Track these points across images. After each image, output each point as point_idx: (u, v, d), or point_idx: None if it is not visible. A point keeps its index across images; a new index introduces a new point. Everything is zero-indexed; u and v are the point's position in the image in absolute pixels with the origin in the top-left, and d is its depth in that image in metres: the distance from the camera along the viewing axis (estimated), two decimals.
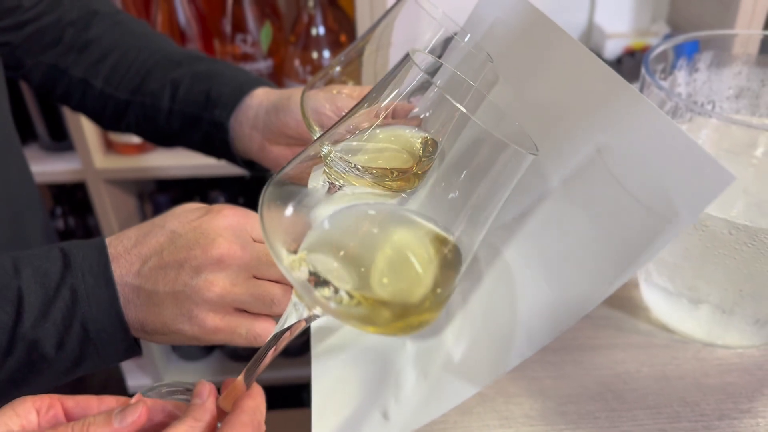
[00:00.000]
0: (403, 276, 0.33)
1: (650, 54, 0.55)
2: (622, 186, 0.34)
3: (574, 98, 0.39)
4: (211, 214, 0.43)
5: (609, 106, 0.36)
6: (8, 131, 0.60)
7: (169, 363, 1.46)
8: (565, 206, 0.37)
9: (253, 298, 0.42)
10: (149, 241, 0.42)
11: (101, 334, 0.41)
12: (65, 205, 1.30)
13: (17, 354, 0.40)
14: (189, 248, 0.41)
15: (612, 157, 0.35)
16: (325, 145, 0.36)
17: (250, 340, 0.43)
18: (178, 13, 1.03)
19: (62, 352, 0.41)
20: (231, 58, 1.05)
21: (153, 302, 0.42)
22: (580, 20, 1.14)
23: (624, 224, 0.34)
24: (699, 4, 1.03)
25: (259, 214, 0.33)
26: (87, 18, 0.65)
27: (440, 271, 0.33)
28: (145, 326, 0.43)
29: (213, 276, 0.41)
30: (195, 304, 0.41)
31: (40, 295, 0.40)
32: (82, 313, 0.41)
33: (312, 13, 0.99)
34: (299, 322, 0.35)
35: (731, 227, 0.48)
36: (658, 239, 0.32)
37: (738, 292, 0.51)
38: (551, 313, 0.36)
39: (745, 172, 0.51)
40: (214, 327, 0.42)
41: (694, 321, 0.56)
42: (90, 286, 0.41)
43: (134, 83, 0.63)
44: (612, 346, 0.57)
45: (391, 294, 0.32)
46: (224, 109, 0.59)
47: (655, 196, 0.33)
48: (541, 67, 0.42)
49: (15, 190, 0.60)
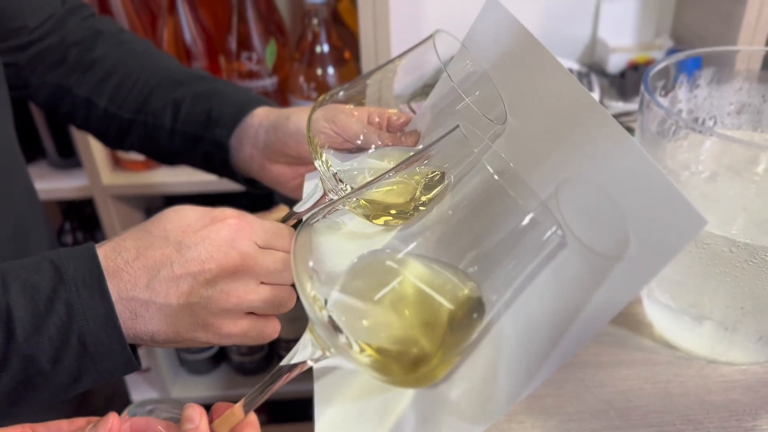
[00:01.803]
0: (419, 333, 0.34)
1: (650, 71, 0.55)
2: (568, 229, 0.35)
3: (556, 128, 0.39)
4: (217, 224, 0.44)
5: (589, 138, 0.36)
6: (12, 150, 0.61)
7: (176, 377, 1.46)
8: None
9: (265, 303, 0.44)
10: (153, 253, 0.43)
11: (99, 347, 0.42)
12: (74, 221, 1.31)
13: (12, 370, 0.40)
14: (201, 261, 0.42)
15: (570, 193, 0.35)
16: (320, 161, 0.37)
17: (260, 340, 0.46)
18: (184, 30, 1.04)
19: (58, 367, 0.41)
20: (236, 75, 1.05)
21: (165, 314, 0.43)
22: (584, 34, 1.15)
23: (571, 268, 0.34)
24: (702, 19, 1.04)
25: (292, 252, 0.35)
26: (91, 38, 0.67)
27: (457, 327, 0.34)
28: (155, 337, 0.43)
29: (227, 286, 0.43)
30: (211, 314, 0.43)
31: (30, 310, 0.40)
32: (79, 327, 0.41)
33: (316, 30, 1.00)
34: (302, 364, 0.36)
35: (732, 245, 0.48)
36: (608, 280, 0.32)
37: (740, 310, 0.51)
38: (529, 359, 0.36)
39: (745, 189, 0.51)
40: (228, 332, 0.44)
41: (696, 338, 0.56)
42: (85, 299, 0.41)
43: (137, 102, 0.64)
44: (615, 363, 0.56)
45: (404, 350, 0.33)
46: (225, 129, 0.60)
47: (602, 237, 0.33)
48: (529, 92, 0.42)
49: (19, 208, 0.61)
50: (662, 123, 0.50)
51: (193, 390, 1.44)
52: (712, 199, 0.53)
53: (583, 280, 0.34)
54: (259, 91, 1.06)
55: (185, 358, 1.45)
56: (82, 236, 1.32)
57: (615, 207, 0.33)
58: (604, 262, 0.32)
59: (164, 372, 1.39)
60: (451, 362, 0.35)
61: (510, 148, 0.43)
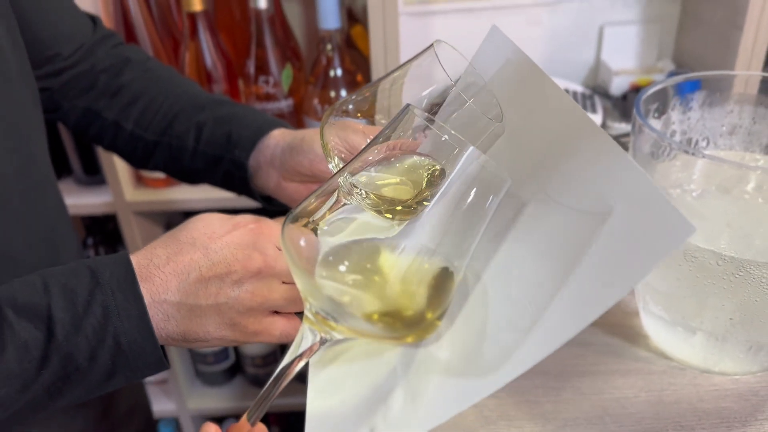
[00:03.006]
0: (403, 299, 0.37)
1: (642, 95, 0.57)
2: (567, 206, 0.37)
3: (553, 142, 0.42)
4: (241, 229, 0.48)
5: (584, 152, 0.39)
6: (46, 169, 0.65)
7: (193, 389, 1.49)
8: (534, 226, 0.41)
9: (287, 301, 0.48)
10: (182, 258, 0.46)
11: (133, 346, 0.45)
12: (97, 236, 1.35)
13: (53, 367, 0.43)
14: (228, 263, 0.46)
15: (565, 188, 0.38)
16: (342, 176, 0.40)
17: (283, 338, 0.49)
18: (205, 55, 1.08)
19: (94, 364, 0.44)
20: (254, 98, 1.09)
21: (195, 314, 0.46)
22: (588, 57, 1.17)
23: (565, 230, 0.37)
24: (702, 43, 1.06)
25: (282, 239, 0.38)
26: (119, 65, 0.70)
27: (435, 290, 0.37)
28: (186, 336, 0.47)
29: (253, 287, 0.46)
30: (238, 313, 0.46)
31: (70, 311, 0.43)
32: (114, 327, 0.44)
33: (330, 55, 1.04)
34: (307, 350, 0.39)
35: (718, 258, 0.50)
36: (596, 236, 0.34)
37: (729, 321, 0.53)
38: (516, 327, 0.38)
39: (730, 206, 0.54)
40: (254, 330, 0.47)
41: (689, 348, 0.57)
42: (120, 301, 0.44)
43: (162, 126, 0.67)
44: (612, 372, 0.58)
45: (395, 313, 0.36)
46: (243, 150, 0.63)
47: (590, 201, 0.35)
48: (528, 111, 0.45)
49: (51, 222, 0.64)
50: (655, 145, 0.53)
51: (209, 401, 1.47)
52: (700, 215, 0.55)
53: (572, 240, 0.36)
54: (276, 112, 1.10)
55: (201, 370, 1.48)
56: (104, 250, 1.36)
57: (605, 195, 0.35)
58: (592, 218, 0.35)
59: (181, 383, 1.42)
60: (440, 319, 0.39)
61: (511, 159, 0.46)
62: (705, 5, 1.05)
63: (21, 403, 0.44)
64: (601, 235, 0.34)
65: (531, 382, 0.57)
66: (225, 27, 1.16)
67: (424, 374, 0.43)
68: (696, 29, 1.09)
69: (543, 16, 1.13)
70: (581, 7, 1.13)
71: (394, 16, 0.96)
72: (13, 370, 0.42)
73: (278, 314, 0.49)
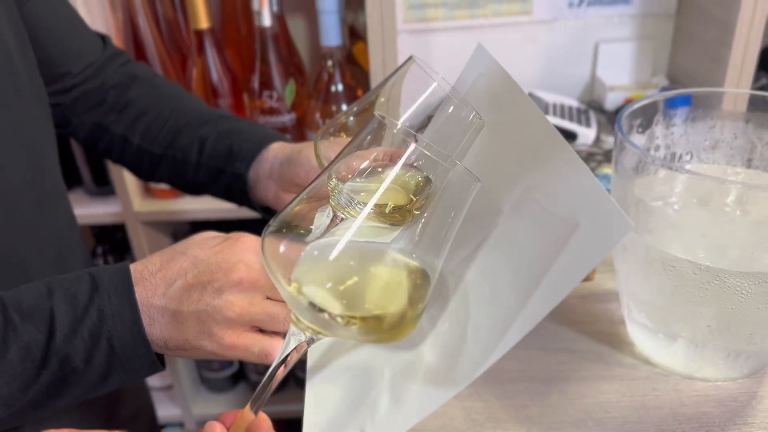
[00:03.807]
0: (382, 298, 0.38)
1: (623, 113, 0.58)
2: (542, 206, 0.40)
3: (519, 148, 0.45)
4: (230, 241, 0.48)
5: (543, 155, 0.42)
6: (57, 181, 0.67)
7: (197, 395, 1.51)
8: (507, 228, 0.43)
9: (269, 316, 0.46)
10: (173, 266, 0.47)
11: (125, 349, 0.46)
12: (105, 245, 1.37)
13: (51, 368, 0.45)
14: (211, 272, 0.46)
15: (538, 193, 0.41)
16: (332, 179, 0.41)
17: (262, 357, 0.47)
18: (211, 71, 1.11)
19: (90, 366, 0.46)
20: (259, 112, 1.12)
21: (177, 321, 0.46)
22: (583, 73, 1.19)
23: (542, 233, 0.40)
24: (694, 61, 1.08)
25: (261, 245, 0.38)
26: (127, 82, 0.73)
27: (412, 290, 0.39)
28: (168, 343, 0.47)
29: (233, 297, 0.46)
30: (216, 323, 0.46)
31: (70, 315, 0.45)
32: (108, 330, 0.45)
33: (331, 71, 1.06)
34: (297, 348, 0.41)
35: (695, 267, 0.51)
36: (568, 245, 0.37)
37: (707, 328, 0.54)
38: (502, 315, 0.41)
39: (707, 218, 0.55)
40: (231, 344, 0.46)
41: (671, 355, 0.59)
42: (115, 306, 0.45)
43: (167, 140, 0.70)
44: (597, 378, 0.60)
45: (374, 313, 0.37)
46: (243, 162, 0.65)
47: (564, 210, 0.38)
48: (501, 120, 0.48)
49: (61, 234, 0.66)
50: (638, 159, 0.54)
51: (213, 407, 1.48)
52: (678, 226, 0.57)
53: (546, 245, 0.39)
54: (279, 126, 1.12)
55: (206, 377, 1.50)
56: (113, 259, 1.38)
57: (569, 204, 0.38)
58: (564, 227, 0.38)
59: (186, 389, 1.44)
60: (420, 316, 0.40)
61: (484, 168, 0.48)
62: (697, 24, 1.07)
63: (23, 401, 0.46)
64: (569, 243, 0.37)
65: (518, 386, 0.59)
66: (231, 43, 1.19)
67: (408, 376, 0.45)
68: (689, 47, 1.11)
69: (539, 33, 1.15)
70: (577, 24, 1.15)
71: (393, 34, 0.98)
72: (16, 370, 0.44)
73: (261, 332, 0.48)
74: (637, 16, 1.14)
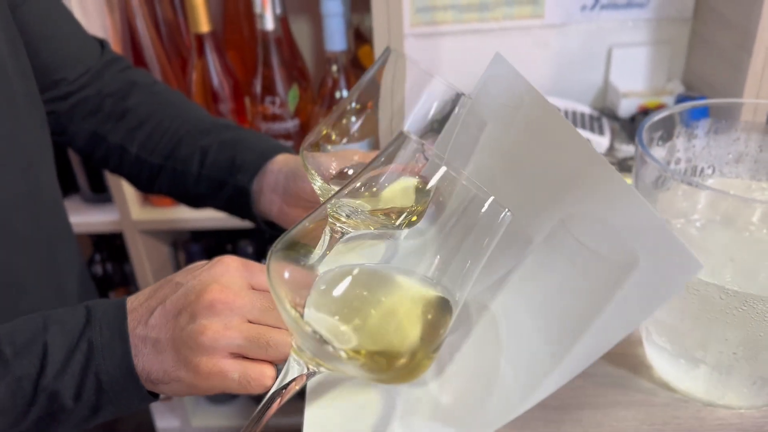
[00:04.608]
0: (395, 333, 0.36)
1: (644, 124, 0.57)
2: (584, 245, 0.37)
3: (555, 172, 0.42)
4: (211, 263, 0.46)
5: (584, 181, 0.39)
6: (53, 192, 0.65)
7: (197, 406, 1.49)
8: (540, 263, 0.40)
9: (248, 341, 0.42)
10: (158, 294, 0.46)
11: (114, 385, 0.44)
12: (103, 252, 1.36)
13: (39, 405, 0.43)
14: (186, 296, 0.43)
15: (577, 225, 0.38)
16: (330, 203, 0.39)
17: (244, 384, 0.43)
18: (212, 75, 1.09)
19: (80, 402, 0.44)
20: (261, 118, 1.10)
21: (157, 350, 0.44)
22: (596, 79, 1.16)
23: (590, 271, 0.36)
24: (711, 67, 1.06)
25: (267, 269, 0.36)
26: (125, 89, 0.71)
27: (429, 325, 0.36)
28: (150, 375, 0.44)
29: (207, 321, 0.42)
30: (190, 349, 0.42)
31: (64, 349, 0.43)
32: (96, 364, 0.43)
33: (335, 76, 1.04)
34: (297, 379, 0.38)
35: (722, 292, 0.49)
36: (622, 286, 0.34)
37: (732, 355, 0.52)
38: (533, 364, 0.38)
39: (734, 240, 0.53)
40: (207, 372, 0.42)
41: (692, 381, 0.57)
42: (106, 338, 0.44)
43: (167, 150, 0.68)
44: (613, 404, 0.57)
45: (384, 350, 0.35)
46: (247, 175, 0.64)
47: (614, 248, 0.35)
48: (533, 141, 0.45)
49: (56, 247, 0.65)
50: (657, 174, 0.52)
51: (213, 418, 1.47)
52: (703, 248, 0.55)
53: (597, 286, 0.35)
54: (282, 132, 1.10)
55: None
56: (111, 267, 1.37)
57: (622, 238, 0.35)
58: (618, 266, 0.34)
59: (185, 401, 1.43)
60: (434, 356, 0.36)
61: (515, 190, 0.45)
62: (715, 28, 1.05)
63: None
64: (626, 283, 0.34)
65: (530, 414, 0.56)
66: (233, 47, 1.17)
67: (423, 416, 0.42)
68: (706, 52, 1.08)
69: (551, 37, 1.13)
70: (590, 28, 1.12)
71: (400, 38, 0.96)
72: (6, 405, 0.43)
73: (241, 358, 0.43)
74: (652, 20, 1.12)
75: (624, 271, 0.34)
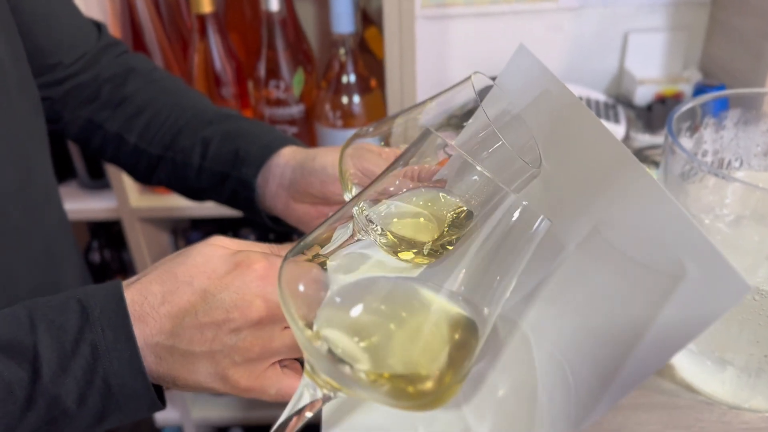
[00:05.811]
0: (421, 354, 0.33)
1: (674, 114, 0.55)
2: (624, 254, 0.34)
3: (591, 177, 0.39)
4: (240, 269, 0.43)
5: (620, 188, 0.36)
6: (48, 182, 0.63)
7: (197, 397, 1.48)
8: (576, 271, 0.37)
9: (290, 348, 0.43)
10: (178, 299, 0.42)
11: (124, 389, 0.42)
12: (101, 240, 1.34)
13: (39, 410, 0.41)
14: (226, 310, 0.42)
15: (613, 232, 0.35)
16: (357, 206, 0.36)
17: (278, 398, 0.44)
18: (214, 58, 1.06)
19: (84, 407, 0.42)
20: (264, 102, 1.07)
21: (188, 361, 0.42)
22: (611, 65, 1.14)
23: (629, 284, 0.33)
24: (730, 53, 1.03)
25: (278, 280, 0.34)
26: (124, 75, 0.68)
27: (456, 346, 0.33)
28: (177, 381, 0.43)
29: (252, 336, 0.42)
30: (233, 363, 0.42)
31: (57, 350, 0.41)
32: (103, 368, 0.41)
33: (343, 60, 1.01)
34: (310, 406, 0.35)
35: (755, 293, 0.47)
36: (672, 298, 0.31)
37: (763, 357, 0.51)
38: (577, 390, 0.35)
39: (764, 235, 0.51)
40: (246, 387, 0.43)
41: (719, 383, 0.55)
42: (110, 341, 0.41)
43: (166, 140, 0.65)
44: (635, 407, 0.56)
45: (407, 373, 0.32)
46: (251, 167, 0.61)
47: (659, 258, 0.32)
48: (560, 140, 0.42)
49: (52, 238, 0.63)
50: (686, 165, 0.51)
51: (213, 410, 1.46)
52: (735, 245, 0.52)
53: (643, 299, 0.32)
54: (286, 118, 1.08)
55: None
56: (109, 254, 1.34)
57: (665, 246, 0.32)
58: (664, 279, 0.31)
59: (185, 392, 1.41)
60: (463, 381, 0.34)
61: (544, 193, 0.42)
62: (734, 13, 1.02)
63: None
64: (675, 294, 0.31)
65: None
66: (235, 29, 1.14)
67: None
68: (725, 38, 1.06)
69: (565, 21, 1.10)
70: (605, 13, 1.10)
71: (411, 20, 0.93)
72: None
73: (278, 371, 0.45)
74: (670, 5, 1.09)
75: (672, 281, 0.31)
